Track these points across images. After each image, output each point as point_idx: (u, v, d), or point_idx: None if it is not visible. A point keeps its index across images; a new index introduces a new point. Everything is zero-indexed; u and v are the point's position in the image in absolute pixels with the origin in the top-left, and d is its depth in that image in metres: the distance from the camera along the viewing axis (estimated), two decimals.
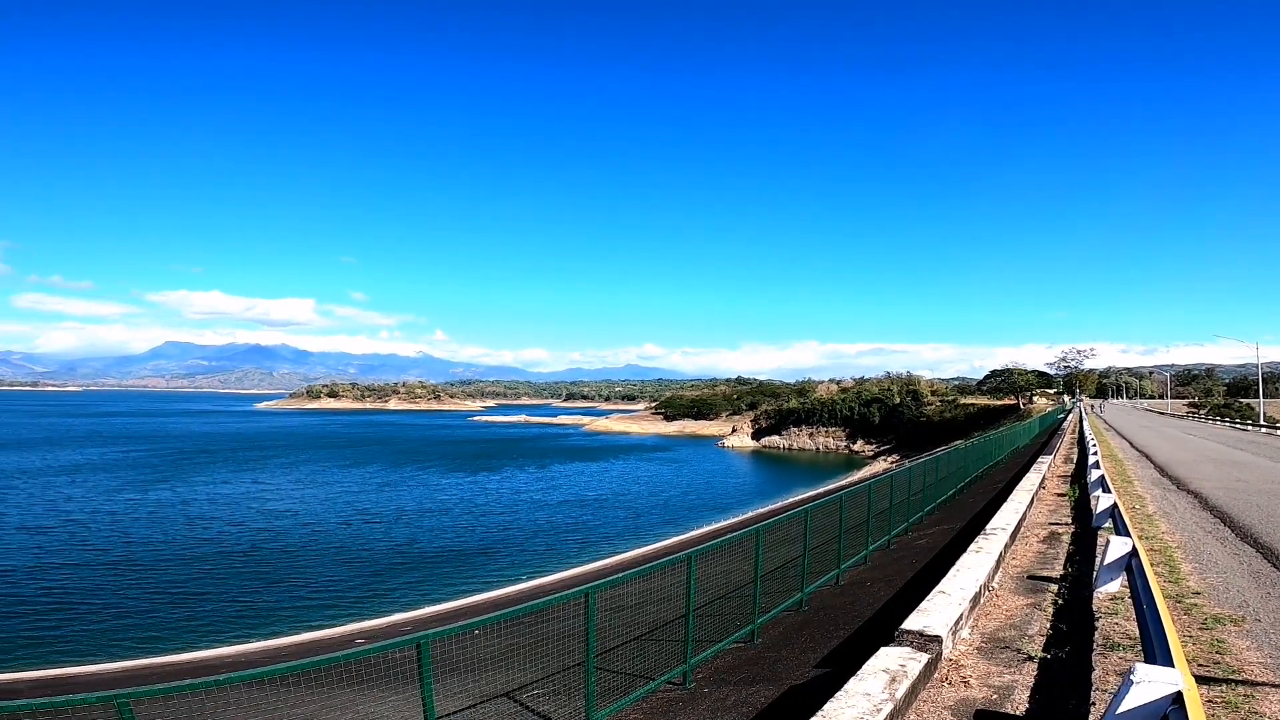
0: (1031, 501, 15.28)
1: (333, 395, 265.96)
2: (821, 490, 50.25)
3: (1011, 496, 14.81)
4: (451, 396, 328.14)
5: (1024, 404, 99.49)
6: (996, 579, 9.42)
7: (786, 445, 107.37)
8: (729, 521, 40.43)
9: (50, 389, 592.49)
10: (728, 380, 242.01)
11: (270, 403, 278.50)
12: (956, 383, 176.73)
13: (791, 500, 47.84)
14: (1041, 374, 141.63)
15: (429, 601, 24.68)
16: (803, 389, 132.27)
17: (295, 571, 29.81)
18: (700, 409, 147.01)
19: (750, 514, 43.63)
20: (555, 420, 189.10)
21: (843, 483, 58.80)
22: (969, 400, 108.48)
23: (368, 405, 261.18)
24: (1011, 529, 11.55)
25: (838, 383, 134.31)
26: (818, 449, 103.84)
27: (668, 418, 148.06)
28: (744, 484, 69.32)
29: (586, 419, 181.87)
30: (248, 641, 20.04)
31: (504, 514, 46.30)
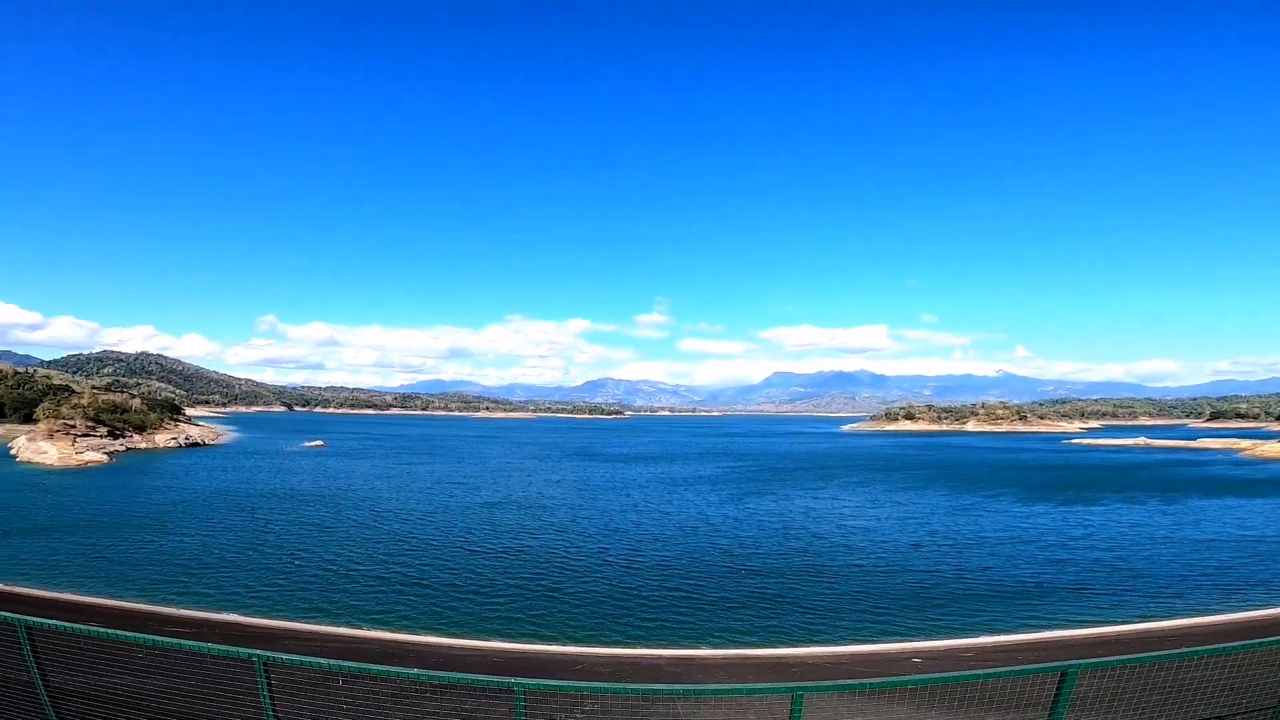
0: None
1: (909, 417, 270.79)
2: None
3: None
4: (1041, 417, 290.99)
5: None
6: None
7: None
8: None
9: (702, 414, 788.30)
10: None
11: (853, 425, 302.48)
12: None
13: None
14: None
15: (992, 631, 22.64)
16: None
17: (864, 584, 31.58)
18: None
19: None
20: (1191, 444, 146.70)
21: None
22: None
23: (944, 427, 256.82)
24: None
25: None
26: None
27: None
28: None
29: (1245, 442, 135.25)
30: (829, 645, 21.76)
31: (1106, 549, 38.65)
